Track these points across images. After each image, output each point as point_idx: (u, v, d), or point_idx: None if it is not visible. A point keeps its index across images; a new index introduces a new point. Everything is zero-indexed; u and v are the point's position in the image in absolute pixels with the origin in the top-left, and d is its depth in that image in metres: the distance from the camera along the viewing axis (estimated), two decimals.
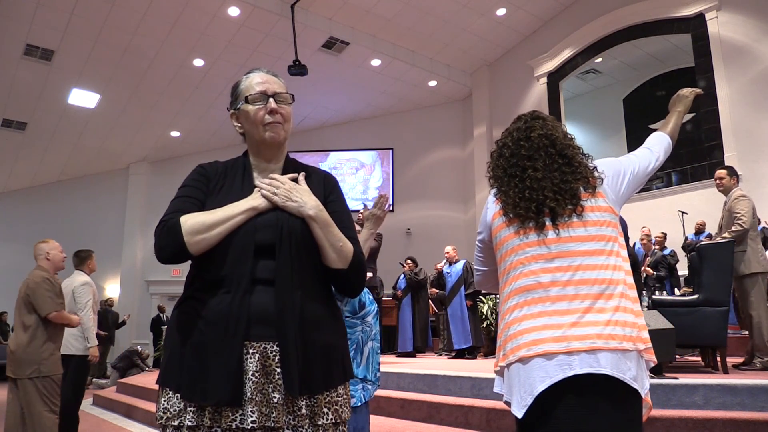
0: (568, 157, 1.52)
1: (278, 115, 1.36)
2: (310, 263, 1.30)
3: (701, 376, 3.85)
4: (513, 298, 1.46)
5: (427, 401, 4.16)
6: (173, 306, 1.34)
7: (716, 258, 4.33)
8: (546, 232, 1.44)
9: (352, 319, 2.31)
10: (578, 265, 1.40)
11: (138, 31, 10.07)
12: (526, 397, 1.36)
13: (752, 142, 8.60)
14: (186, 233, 1.23)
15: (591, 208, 1.46)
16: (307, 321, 1.24)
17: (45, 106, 11.67)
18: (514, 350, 1.41)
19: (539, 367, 1.35)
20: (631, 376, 1.33)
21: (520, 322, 1.42)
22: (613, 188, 1.52)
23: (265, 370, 1.20)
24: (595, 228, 1.44)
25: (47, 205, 14.59)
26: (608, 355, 1.32)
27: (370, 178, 14.42)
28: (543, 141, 1.54)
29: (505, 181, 1.55)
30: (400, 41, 11.98)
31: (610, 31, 10.78)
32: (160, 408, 1.23)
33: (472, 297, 7.49)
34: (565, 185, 1.47)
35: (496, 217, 1.56)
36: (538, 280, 1.42)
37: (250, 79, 1.41)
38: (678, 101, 1.88)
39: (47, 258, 3.96)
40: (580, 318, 1.36)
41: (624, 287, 1.41)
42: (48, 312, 3.72)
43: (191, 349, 1.21)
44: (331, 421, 1.25)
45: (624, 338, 1.34)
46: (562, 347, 1.34)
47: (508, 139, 1.62)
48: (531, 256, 1.44)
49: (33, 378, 3.67)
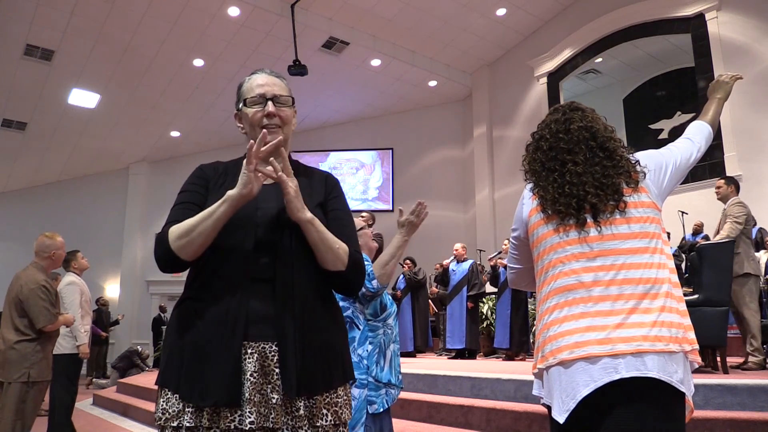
0: (609, 150, 1.45)
1: (276, 118, 1.35)
2: (310, 262, 1.29)
3: (701, 376, 3.85)
4: (552, 298, 1.40)
5: (427, 401, 4.16)
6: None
7: (716, 258, 4.34)
8: (587, 230, 1.38)
9: (374, 322, 2.27)
10: (621, 264, 1.34)
11: (138, 31, 10.07)
12: (569, 401, 1.30)
13: (752, 142, 8.60)
14: (172, 241, 1.23)
15: (634, 204, 1.40)
16: (306, 321, 1.23)
17: (45, 106, 11.67)
18: (554, 352, 1.35)
19: (582, 371, 1.29)
20: (678, 379, 1.28)
21: (560, 324, 1.36)
22: (655, 183, 1.46)
23: (264, 371, 1.19)
24: (639, 225, 1.38)
25: (47, 205, 14.58)
26: (655, 358, 1.27)
27: (370, 178, 14.42)
28: (583, 134, 1.48)
29: (543, 176, 1.48)
30: (400, 41, 11.98)
31: (610, 31, 10.77)
32: (159, 409, 1.23)
33: (474, 299, 7.47)
34: (607, 180, 1.40)
35: (534, 213, 1.50)
36: (580, 279, 1.36)
37: (252, 80, 1.40)
38: (718, 87, 1.78)
39: (51, 257, 3.81)
40: (624, 319, 1.30)
41: (669, 286, 1.35)
42: (44, 325, 3.57)
43: (190, 349, 1.20)
44: (331, 422, 1.24)
45: (671, 340, 1.29)
46: (607, 350, 1.28)
47: (545, 132, 1.54)
48: (572, 255, 1.39)
49: (21, 383, 3.48)
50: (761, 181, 8.34)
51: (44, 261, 3.80)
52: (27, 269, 3.76)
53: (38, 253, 3.80)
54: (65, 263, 4.48)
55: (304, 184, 1.36)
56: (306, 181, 1.38)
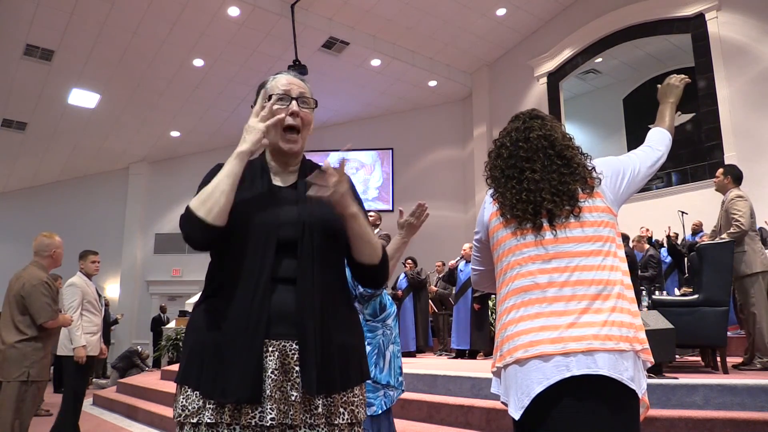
0: (567, 158, 1.50)
1: (298, 118, 1.37)
2: (331, 262, 1.31)
3: (701, 376, 3.85)
4: (510, 299, 1.46)
5: (427, 401, 4.16)
6: (174, 305, 1.35)
7: (716, 258, 4.33)
8: (543, 233, 1.43)
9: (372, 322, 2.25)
10: (575, 266, 1.39)
11: (138, 31, 10.08)
12: (523, 398, 1.36)
13: (752, 142, 8.60)
14: (196, 209, 1.23)
15: (588, 208, 1.45)
16: (326, 321, 1.25)
17: (45, 106, 11.67)
18: (510, 351, 1.41)
19: (536, 369, 1.35)
20: (628, 377, 1.33)
21: (517, 323, 1.41)
22: (611, 188, 1.51)
23: (284, 368, 1.21)
24: (593, 229, 1.43)
25: (47, 205, 14.59)
26: (605, 356, 1.32)
27: (370, 178, 14.42)
28: (542, 142, 1.53)
29: (503, 182, 1.54)
30: (400, 41, 11.98)
31: (610, 31, 10.78)
32: (178, 406, 1.24)
33: (481, 300, 7.44)
34: (563, 187, 1.45)
35: (493, 217, 1.55)
36: (535, 281, 1.41)
37: (277, 79, 1.42)
38: (669, 92, 1.84)
39: (51, 256, 3.81)
40: (576, 319, 1.35)
41: (621, 287, 1.40)
42: (45, 320, 3.57)
43: (212, 347, 1.22)
44: (347, 421, 1.26)
45: (621, 339, 1.34)
46: (559, 348, 1.33)
47: (506, 140, 1.59)
48: (528, 257, 1.44)
49: (20, 382, 3.48)
50: (761, 181, 8.34)
51: (45, 260, 3.80)
52: (27, 268, 3.75)
53: (38, 252, 3.81)
54: (79, 260, 4.53)
55: None
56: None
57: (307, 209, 1.31)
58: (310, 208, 1.31)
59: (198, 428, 1.20)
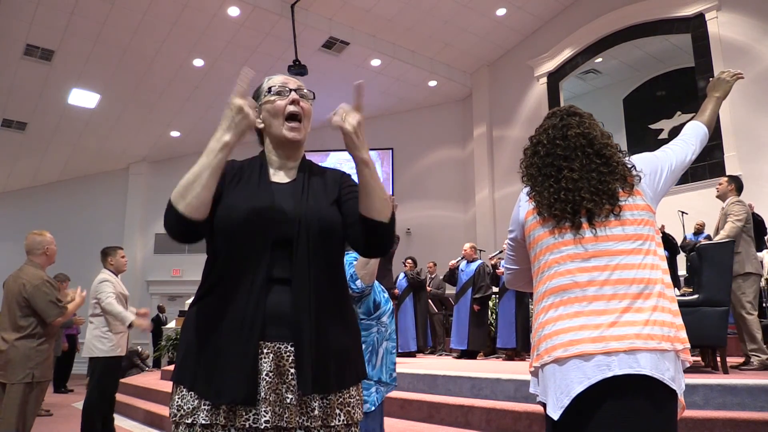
0: (606, 157, 1.47)
1: (299, 106, 1.38)
2: (327, 262, 1.29)
3: (701, 376, 3.85)
4: (548, 298, 1.43)
5: (427, 401, 4.16)
6: (174, 306, 1.35)
7: (716, 258, 4.34)
8: (582, 231, 1.41)
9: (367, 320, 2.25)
10: (616, 265, 1.37)
11: (138, 31, 10.07)
12: (563, 398, 1.33)
13: (752, 142, 8.60)
14: (176, 203, 1.21)
15: (629, 207, 1.43)
16: (322, 322, 1.24)
17: (45, 106, 11.67)
18: (548, 350, 1.38)
19: (576, 368, 1.32)
20: (669, 377, 1.30)
21: (555, 322, 1.39)
22: (651, 186, 1.49)
23: (279, 370, 1.20)
24: (633, 227, 1.41)
25: (47, 205, 14.59)
26: (647, 356, 1.30)
27: None
28: (580, 140, 1.50)
29: (540, 181, 1.51)
30: (400, 41, 11.98)
31: (610, 31, 10.77)
32: (174, 405, 1.23)
33: (480, 302, 7.45)
34: (603, 186, 1.43)
35: (530, 215, 1.52)
36: (575, 279, 1.38)
37: (273, 78, 1.44)
38: (718, 85, 1.78)
39: (45, 253, 3.76)
40: (618, 318, 1.33)
41: (662, 286, 1.38)
42: (53, 319, 3.56)
43: (206, 347, 1.21)
44: (344, 422, 1.25)
45: (663, 338, 1.32)
46: (600, 348, 1.31)
47: (542, 137, 1.56)
48: (567, 255, 1.41)
49: (25, 383, 3.45)
50: (761, 181, 8.34)
51: (39, 258, 3.75)
52: (23, 269, 3.71)
53: (31, 251, 3.76)
54: (103, 257, 4.51)
55: (320, 184, 1.37)
56: (320, 179, 1.39)
57: (303, 206, 1.29)
58: (307, 205, 1.29)
59: (193, 429, 1.19)
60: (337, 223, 1.32)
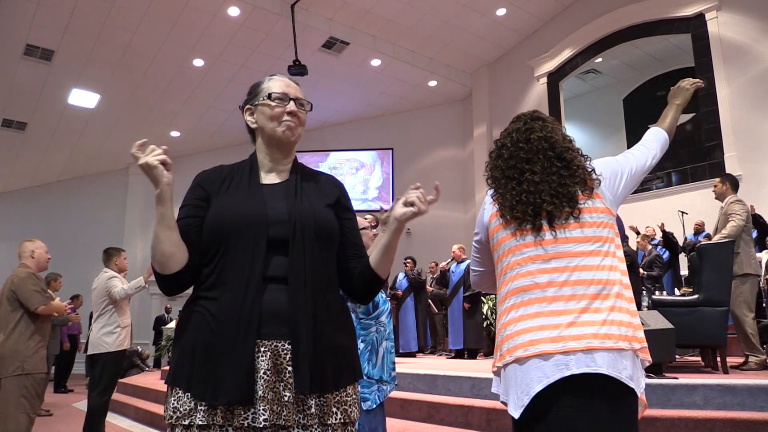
0: (567, 160, 1.51)
1: (296, 117, 1.40)
2: (322, 260, 1.31)
3: (701, 376, 3.85)
4: (510, 299, 1.47)
5: (427, 401, 4.16)
6: (175, 306, 1.36)
7: (716, 258, 4.34)
8: (543, 234, 1.45)
9: (366, 320, 2.27)
10: (575, 266, 1.41)
11: (138, 31, 10.07)
12: (523, 397, 1.37)
13: (752, 142, 8.60)
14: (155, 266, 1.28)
15: (588, 209, 1.46)
16: (319, 320, 1.24)
17: (45, 106, 11.67)
18: (510, 351, 1.42)
19: (536, 368, 1.36)
20: (627, 375, 1.34)
21: (516, 323, 1.42)
22: (610, 189, 1.52)
23: (276, 369, 1.20)
24: (592, 229, 1.44)
25: (47, 205, 14.58)
26: (605, 355, 1.33)
27: (370, 178, 14.42)
28: (542, 144, 1.54)
29: (503, 183, 1.55)
30: (400, 41, 11.98)
31: (610, 31, 10.77)
32: (169, 407, 1.22)
33: (471, 299, 7.47)
34: (563, 189, 1.47)
35: (493, 218, 1.56)
36: (535, 280, 1.42)
37: (273, 80, 1.44)
38: (678, 93, 1.85)
39: (31, 256, 3.97)
40: (576, 318, 1.36)
41: (620, 287, 1.41)
42: (37, 306, 3.69)
43: (202, 348, 1.21)
44: (340, 420, 1.25)
45: (620, 338, 1.35)
46: (559, 347, 1.34)
47: (506, 140, 1.60)
48: (528, 257, 1.45)
49: (16, 376, 3.57)
50: (761, 181, 8.34)
51: (27, 261, 3.97)
52: (14, 270, 3.91)
53: (20, 255, 4.01)
54: (107, 258, 4.66)
55: (313, 186, 1.40)
56: (314, 183, 1.42)
57: (297, 207, 1.30)
58: (302, 205, 1.31)
59: (190, 430, 1.18)
60: (333, 224, 1.35)
